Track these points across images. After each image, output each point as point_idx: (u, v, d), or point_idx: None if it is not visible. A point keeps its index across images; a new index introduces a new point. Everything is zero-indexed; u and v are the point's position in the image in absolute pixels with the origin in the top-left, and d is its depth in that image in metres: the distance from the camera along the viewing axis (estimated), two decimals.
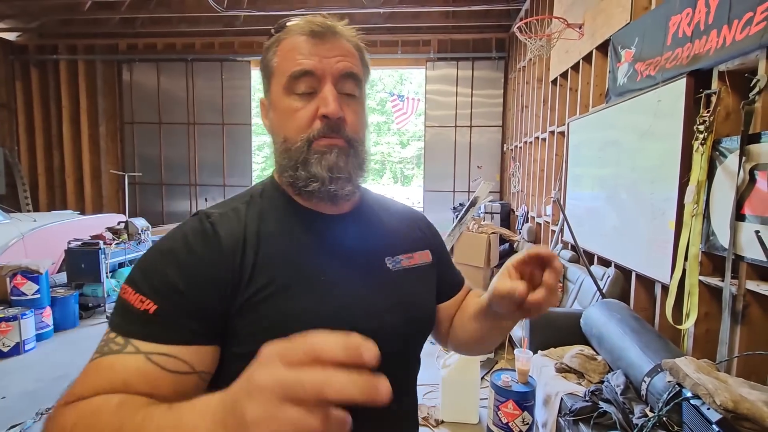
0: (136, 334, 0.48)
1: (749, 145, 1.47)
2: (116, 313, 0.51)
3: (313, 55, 0.56)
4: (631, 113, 2.34)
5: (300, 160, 0.57)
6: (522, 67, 5.32)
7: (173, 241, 0.54)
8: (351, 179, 0.58)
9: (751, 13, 1.44)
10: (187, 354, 0.48)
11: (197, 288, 0.50)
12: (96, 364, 0.47)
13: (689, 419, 1.25)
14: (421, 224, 0.74)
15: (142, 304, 0.49)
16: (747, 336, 1.50)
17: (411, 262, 0.66)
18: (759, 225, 1.40)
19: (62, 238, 4.23)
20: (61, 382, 2.87)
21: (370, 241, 0.64)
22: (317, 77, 0.56)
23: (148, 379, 0.46)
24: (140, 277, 0.51)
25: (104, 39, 6.72)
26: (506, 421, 2.05)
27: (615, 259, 2.50)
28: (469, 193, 6.39)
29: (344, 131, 0.57)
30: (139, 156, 6.98)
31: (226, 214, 0.57)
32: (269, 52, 0.61)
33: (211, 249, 0.52)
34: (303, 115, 0.56)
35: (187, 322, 0.49)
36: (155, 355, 0.47)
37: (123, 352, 0.47)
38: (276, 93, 0.59)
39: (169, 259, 0.51)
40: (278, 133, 0.60)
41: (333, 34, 0.58)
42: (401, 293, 0.62)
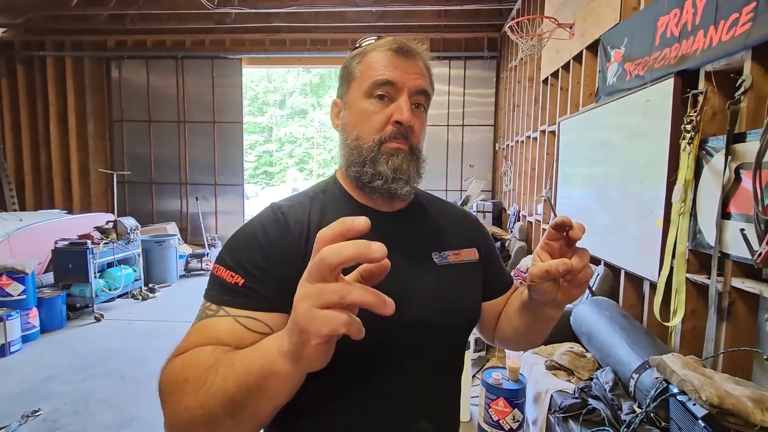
0: (227, 302, 0.58)
1: (735, 144, 1.49)
2: (210, 287, 0.61)
3: (396, 68, 0.65)
4: (620, 113, 2.36)
5: (369, 157, 0.65)
6: (513, 67, 5.35)
7: (253, 227, 0.64)
8: (410, 182, 0.66)
9: (736, 14, 1.46)
10: (266, 318, 0.58)
11: (273, 265, 0.60)
12: (195, 327, 0.57)
13: (676, 415, 1.27)
14: (471, 224, 0.80)
15: (232, 278, 0.59)
16: (732, 332, 1.52)
17: (457, 258, 0.71)
18: (744, 223, 1.42)
19: (49, 238, 4.16)
20: (48, 384, 2.83)
21: (420, 236, 0.70)
22: (396, 87, 0.64)
23: (235, 336, 0.55)
24: (229, 257, 0.61)
25: (92, 35, 6.62)
26: (497, 419, 2.06)
27: (604, 257, 2.52)
28: (462, 192, 6.41)
29: (411, 138, 0.66)
30: (128, 154, 6.89)
31: (293, 206, 0.67)
32: (354, 60, 0.69)
33: (282, 234, 0.62)
34: (378, 118, 0.65)
35: (267, 292, 0.58)
36: (242, 317, 0.57)
37: (216, 316, 0.57)
38: (354, 96, 0.67)
39: (251, 242, 0.62)
40: (351, 132, 0.67)
41: (414, 55, 0.67)
42: (445, 286, 0.67)
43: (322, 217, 0.65)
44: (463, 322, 0.71)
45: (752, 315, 1.51)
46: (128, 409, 2.54)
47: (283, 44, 6.64)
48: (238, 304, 0.58)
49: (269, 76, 19.75)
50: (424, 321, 0.63)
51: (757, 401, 1.12)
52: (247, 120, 17.05)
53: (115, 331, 3.82)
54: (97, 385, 2.81)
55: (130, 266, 4.73)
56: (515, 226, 4.69)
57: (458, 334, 0.71)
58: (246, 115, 6.96)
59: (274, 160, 20.15)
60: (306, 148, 20.21)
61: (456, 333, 0.70)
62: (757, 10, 1.37)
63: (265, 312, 0.58)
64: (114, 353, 3.33)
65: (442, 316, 0.65)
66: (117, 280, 4.45)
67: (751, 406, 1.10)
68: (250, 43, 6.64)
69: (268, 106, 20.11)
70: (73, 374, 2.98)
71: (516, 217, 4.87)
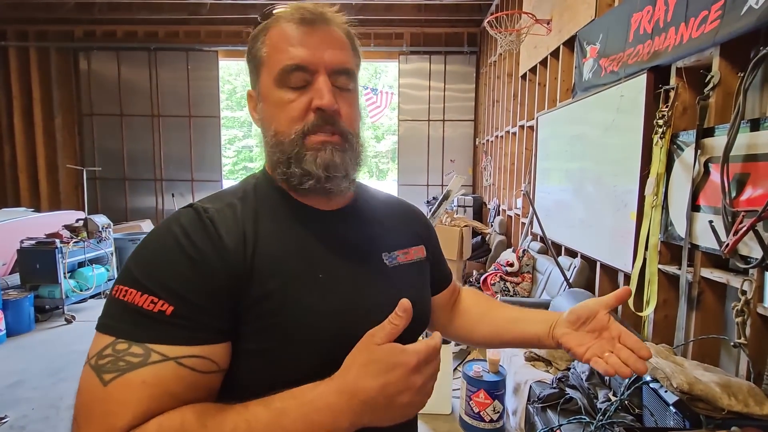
0: (155, 338, 0.45)
1: (704, 138, 1.54)
2: (118, 319, 0.46)
3: (304, 45, 0.54)
4: (596, 108, 2.40)
5: (293, 155, 0.55)
6: (493, 62, 5.39)
7: (174, 237, 0.50)
8: (347, 176, 0.57)
9: (706, 11, 1.50)
10: (212, 353, 0.47)
11: (209, 285, 0.48)
12: (121, 384, 0.42)
13: (649, 402, 1.30)
14: (416, 219, 0.75)
15: (155, 306, 0.45)
16: (701, 321, 1.58)
17: (407, 258, 0.66)
18: (712, 215, 1.47)
19: (14, 238, 3.97)
20: (15, 390, 2.70)
21: (366, 236, 0.63)
22: (310, 70, 0.54)
23: (187, 384, 0.45)
24: (145, 277, 0.47)
25: (58, 25, 6.31)
26: (478, 411, 2.08)
27: (581, 249, 2.58)
28: (442, 186, 6.45)
29: (339, 124, 0.56)
30: (99, 150, 6.63)
31: (222, 210, 0.54)
32: (257, 41, 0.58)
33: (213, 245, 0.50)
34: (296, 107, 0.55)
35: (207, 320, 0.47)
36: (185, 358, 0.45)
37: (148, 363, 0.44)
38: (266, 85, 0.57)
39: (175, 256, 0.48)
40: (269, 126, 0.57)
41: (324, 22, 0.56)
42: (399, 289, 0.61)
43: (256, 223, 0.55)
44: (418, 327, 0.66)
45: (720, 304, 1.57)
46: None
47: None
48: (171, 339, 0.45)
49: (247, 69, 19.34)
50: None
51: (724, 386, 1.16)
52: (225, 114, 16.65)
53: (87, 333, 3.68)
54: (68, 390, 2.70)
55: (102, 266, 4.57)
56: (495, 220, 4.74)
57: (415, 336, 0.66)
58: (224, 109, 6.81)
59: (254, 155, 19.80)
60: None
61: (414, 334, 0.64)
62: (725, 8, 1.40)
63: (208, 345, 0.47)
64: (85, 356, 3.22)
65: None
66: (89, 280, 4.29)
67: (718, 391, 1.14)
68: (227, 35, 6.47)
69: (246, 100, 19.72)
70: (43, 378, 2.86)
71: (496, 212, 4.93)
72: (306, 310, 0.52)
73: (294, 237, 0.57)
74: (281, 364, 0.51)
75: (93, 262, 4.47)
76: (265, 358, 0.51)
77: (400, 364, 0.45)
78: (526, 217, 3.77)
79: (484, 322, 0.77)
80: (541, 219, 2.91)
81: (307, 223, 0.59)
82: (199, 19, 6.13)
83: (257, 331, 0.50)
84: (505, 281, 3.22)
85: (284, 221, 0.58)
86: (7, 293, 3.68)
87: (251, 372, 0.51)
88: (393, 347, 0.46)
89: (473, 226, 4.86)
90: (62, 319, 3.89)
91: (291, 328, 0.51)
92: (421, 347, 0.47)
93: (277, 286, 0.52)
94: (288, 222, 0.58)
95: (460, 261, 4.08)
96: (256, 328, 0.50)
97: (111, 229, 4.67)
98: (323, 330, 0.53)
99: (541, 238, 3.16)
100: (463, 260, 4.18)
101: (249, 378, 0.51)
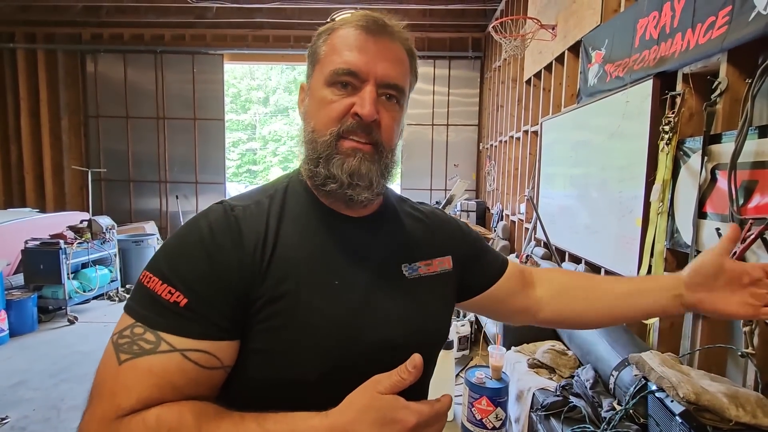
0: (166, 327, 0.47)
1: (711, 145, 1.52)
2: (140, 303, 0.49)
3: (362, 52, 0.55)
4: (601, 114, 2.39)
5: (324, 154, 0.56)
6: (497, 67, 5.39)
7: (199, 231, 0.52)
8: (371, 187, 0.57)
9: (713, 17, 1.49)
10: (217, 349, 0.49)
11: (222, 282, 0.50)
12: (133, 368, 0.45)
13: (654, 411, 1.28)
14: (445, 229, 0.72)
15: (171, 296, 0.48)
16: (708, 330, 1.55)
17: (429, 270, 0.64)
18: (719, 222, 1.45)
19: (19, 238, 3.99)
20: (17, 391, 2.71)
21: (388, 246, 0.63)
22: (361, 78, 0.55)
23: (189, 378, 0.46)
24: (167, 267, 0.50)
25: (66, 27, 6.38)
26: (480, 418, 2.06)
27: (585, 255, 2.56)
28: (446, 191, 6.43)
29: (375, 134, 0.56)
30: (104, 151, 6.67)
31: (249, 207, 0.56)
32: (320, 39, 0.59)
33: (233, 244, 0.52)
34: (336, 107, 0.55)
35: (217, 316, 0.49)
36: (191, 351, 0.47)
37: (157, 352, 0.46)
38: (316, 81, 0.58)
39: (196, 251, 0.51)
40: (309, 122, 0.58)
41: (387, 34, 0.57)
42: (414, 302, 0.61)
43: (280, 222, 0.56)
44: (433, 340, 0.65)
45: None
46: None
47: (266, 40, 6.53)
48: (181, 330, 0.47)
49: (252, 73, 19.45)
50: (393, 345, 0.57)
51: (732, 397, 1.14)
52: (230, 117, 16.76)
53: (90, 334, 3.69)
54: (69, 391, 2.70)
55: (106, 267, 4.58)
56: (499, 225, 4.73)
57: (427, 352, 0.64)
58: (228, 112, 6.84)
59: (257, 158, 19.88)
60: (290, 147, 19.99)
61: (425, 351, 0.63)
62: (733, 14, 1.40)
63: (214, 341, 0.48)
64: (88, 357, 3.22)
65: (409, 335, 0.59)
66: (92, 281, 4.30)
67: (726, 402, 1.12)
68: (232, 38, 6.52)
69: (251, 104, 19.81)
70: (44, 379, 2.86)
71: (499, 217, 4.92)
72: (316, 314, 0.52)
73: (315, 241, 0.57)
74: (285, 365, 0.51)
75: (96, 263, 4.48)
76: (270, 357, 0.51)
77: (399, 420, 0.44)
78: (530, 222, 3.75)
79: (590, 300, 0.72)
80: (544, 224, 2.89)
81: (330, 227, 0.59)
82: (205, 22, 6.17)
83: (266, 330, 0.51)
84: None
85: (308, 224, 0.58)
86: (10, 293, 3.69)
87: (256, 370, 0.51)
88: (396, 401, 0.45)
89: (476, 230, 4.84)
90: (65, 319, 3.90)
91: (299, 331, 0.51)
92: (425, 408, 0.46)
93: (291, 288, 0.52)
94: (312, 225, 0.58)
95: None
96: (265, 328, 0.51)
97: (115, 230, 4.69)
98: (329, 335, 0.53)
99: (544, 244, 3.14)
100: None
101: (253, 376, 0.52)
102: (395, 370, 0.47)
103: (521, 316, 0.76)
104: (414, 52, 0.62)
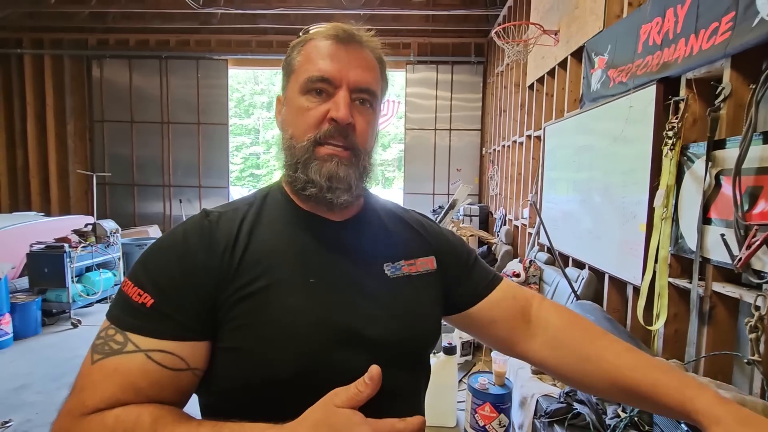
0: (133, 327, 0.49)
1: (715, 150, 1.52)
2: (115, 305, 0.52)
3: (334, 60, 0.57)
4: (604, 119, 2.39)
5: (302, 160, 0.58)
6: (500, 72, 5.40)
7: (173, 236, 0.55)
8: (350, 189, 0.58)
9: (716, 23, 1.49)
10: (182, 350, 0.49)
11: (189, 283, 0.51)
12: (101, 367, 0.47)
13: (659, 419, 1.27)
14: (428, 231, 0.71)
15: (140, 298, 0.50)
16: (713, 336, 1.54)
17: (412, 269, 0.64)
18: (724, 228, 1.45)
19: (24, 241, 4.02)
20: (20, 394, 2.71)
21: (369, 246, 0.63)
22: (334, 84, 0.57)
23: (151, 380, 0.47)
24: (141, 271, 0.52)
25: (73, 33, 6.45)
26: (483, 424, 2.05)
27: (589, 261, 2.55)
28: (449, 195, 6.43)
29: (352, 138, 0.58)
30: (109, 155, 6.72)
31: (226, 213, 0.59)
32: (294, 51, 0.62)
33: (204, 247, 0.54)
34: (313, 114, 0.57)
35: (181, 316, 0.50)
36: (154, 352, 0.48)
37: (123, 352, 0.47)
38: (292, 91, 0.60)
39: (168, 254, 0.53)
40: (287, 130, 0.61)
41: (357, 42, 0.59)
42: (397, 302, 0.60)
43: (254, 226, 0.57)
44: (420, 343, 0.63)
45: (732, 319, 1.54)
46: None
47: (270, 46, 6.58)
48: (146, 330, 0.48)
49: (256, 77, 19.58)
50: (373, 344, 0.55)
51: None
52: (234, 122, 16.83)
53: (93, 338, 3.69)
54: None
55: (109, 270, 4.60)
56: (501, 230, 4.71)
57: (415, 353, 0.62)
58: (232, 116, 6.87)
59: (261, 162, 19.96)
60: None
61: (412, 351, 0.62)
62: (736, 20, 1.40)
63: (180, 342, 0.49)
64: None
65: (391, 335, 0.57)
66: (96, 284, 4.32)
67: None
68: (236, 44, 6.57)
69: (254, 108, 19.93)
70: (47, 383, 2.87)
71: (502, 221, 4.91)
72: (287, 312, 0.52)
73: (292, 241, 0.58)
74: (256, 363, 0.51)
75: (100, 267, 4.50)
76: (240, 356, 0.51)
77: None
78: (533, 227, 3.74)
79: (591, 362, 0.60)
80: (548, 229, 2.88)
81: (309, 229, 0.60)
82: (210, 28, 6.23)
83: (236, 328, 0.51)
84: None
85: (286, 226, 0.59)
86: (15, 296, 3.71)
87: (227, 370, 0.52)
88: (352, 415, 0.45)
89: (479, 235, 4.83)
90: (69, 323, 3.91)
91: (269, 328, 0.51)
92: (385, 427, 0.45)
93: (262, 286, 0.53)
94: (289, 227, 0.59)
95: None
96: (236, 326, 0.51)
97: (119, 234, 4.71)
98: (301, 333, 0.52)
99: (548, 249, 3.13)
100: None
101: (225, 375, 0.52)
102: (353, 383, 0.47)
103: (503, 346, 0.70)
104: (383, 59, 0.64)
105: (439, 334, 0.67)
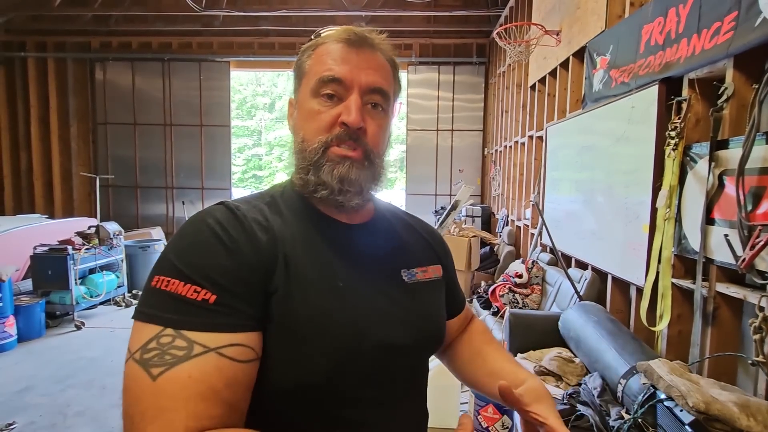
0: (199, 326, 0.46)
1: (718, 151, 1.51)
2: (162, 308, 0.46)
3: (346, 63, 0.57)
4: (606, 119, 2.38)
5: (313, 162, 0.57)
6: (502, 73, 5.40)
7: (209, 228, 0.51)
8: (361, 192, 0.59)
9: (719, 23, 1.49)
10: (250, 340, 0.48)
11: (245, 274, 0.50)
12: (171, 381, 0.42)
13: (663, 421, 1.26)
14: (434, 239, 0.75)
15: (198, 294, 0.46)
16: (717, 337, 1.53)
17: (425, 276, 0.66)
18: (727, 229, 1.44)
19: (28, 244, 4.04)
20: (24, 396, 2.72)
21: (387, 252, 0.64)
22: (345, 86, 0.57)
23: (227, 378, 0.45)
24: (185, 267, 0.48)
25: (76, 36, 6.49)
26: (486, 426, 2.04)
27: (592, 261, 2.54)
28: (451, 196, 6.43)
29: (363, 141, 0.58)
30: (112, 158, 6.75)
31: (250, 209, 0.57)
32: (304, 54, 0.62)
33: (247, 237, 0.52)
34: (324, 118, 0.57)
35: (245, 307, 0.49)
36: (224, 347, 0.46)
37: (192, 357, 0.44)
38: (303, 94, 0.60)
39: (213, 247, 0.50)
40: (298, 133, 0.60)
41: (369, 46, 0.59)
42: (416, 306, 0.62)
43: (282, 225, 0.57)
44: (434, 343, 0.66)
45: (736, 320, 1.53)
46: (108, 421, 2.46)
47: (272, 48, 6.60)
48: (213, 326, 0.46)
49: (258, 79, 19.63)
50: (396, 346, 0.57)
51: (743, 406, 1.12)
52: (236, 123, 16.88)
53: (97, 340, 3.71)
54: (75, 397, 2.71)
55: (113, 272, 4.61)
56: (504, 230, 4.71)
57: (427, 354, 0.66)
58: (234, 118, 6.89)
59: (263, 163, 20.01)
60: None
61: (427, 352, 0.66)
62: (739, 19, 1.39)
63: (247, 333, 0.48)
64: (94, 362, 3.23)
65: (413, 338, 0.59)
66: (99, 286, 4.33)
67: (736, 411, 1.10)
68: (239, 46, 6.59)
69: (257, 110, 19.97)
70: (51, 385, 2.88)
71: (505, 222, 4.90)
72: (324, 315, 0.53)
73: (317, 245, 0.58)
74: (292, 365, 0.51)
75: (103, 269, 4.51)
76: (277, 359, 0.51)
77: None
78: (536, 227, 3.73)
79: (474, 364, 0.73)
80: (550, 230, 2.88)
81: (330, 233, 0.60)
82: (212, 30, 6.26)
83: (273, 325, 0.51)
84: (514, 293, 3.18)
85: (310, 229, 0.59)
86: (19, 299, 3.72)
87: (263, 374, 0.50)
88: None
89: (482, 236, 4.82)
90: (72, 325, 3.92)
91: (306, 331, 0.51)
92: None
93: (298, 288, 0.53)
94: (313, 230, 0.60)
95: (469, 272, 4.05)
96: (275, 325, 0.51)
97: (122, 236, 4.73)
98: (337, 336, 0.53)
99: (550, 249, 3.12)
100: (471, 271, 4.15)
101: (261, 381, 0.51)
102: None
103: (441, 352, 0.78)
104: (396, 62, 0.63)
105: (445, 334, 0.70)
